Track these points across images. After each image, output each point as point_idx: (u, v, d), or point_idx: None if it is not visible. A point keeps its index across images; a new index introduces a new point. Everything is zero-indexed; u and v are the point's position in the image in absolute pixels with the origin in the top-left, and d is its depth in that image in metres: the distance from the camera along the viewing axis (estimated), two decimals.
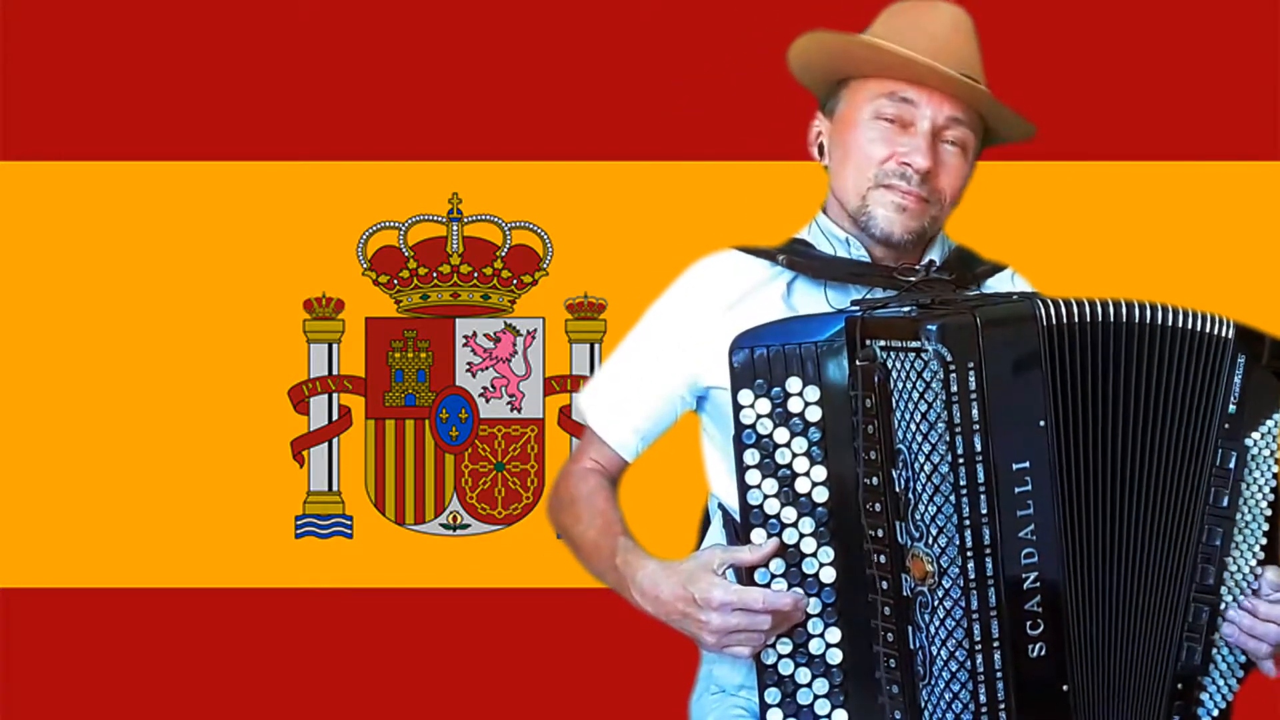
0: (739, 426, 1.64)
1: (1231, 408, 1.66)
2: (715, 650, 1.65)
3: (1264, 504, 1.69)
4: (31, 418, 3.12)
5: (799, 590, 1.61)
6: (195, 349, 3.14)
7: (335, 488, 3.19)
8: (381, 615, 3.14)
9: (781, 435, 1.63)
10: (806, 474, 1.63)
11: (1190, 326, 1.65)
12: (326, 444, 3.19)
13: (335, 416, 3.19)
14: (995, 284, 1.95)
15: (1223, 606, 1.68)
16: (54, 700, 3.09)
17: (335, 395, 3.19)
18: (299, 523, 3.17)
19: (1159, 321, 1.63)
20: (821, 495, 1.62)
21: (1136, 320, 1.62)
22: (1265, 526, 1.70)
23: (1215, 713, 1.69)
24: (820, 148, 1.95)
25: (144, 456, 3.13)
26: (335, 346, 3.19)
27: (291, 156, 3.14)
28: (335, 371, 3.19)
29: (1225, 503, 1.67)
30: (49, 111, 3.10)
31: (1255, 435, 1.68)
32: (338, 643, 3.13)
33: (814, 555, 1.63)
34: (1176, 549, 1.66)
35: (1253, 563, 1.69)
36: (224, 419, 3.14)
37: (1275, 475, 1.70)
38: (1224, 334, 1.66)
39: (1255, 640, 1.68)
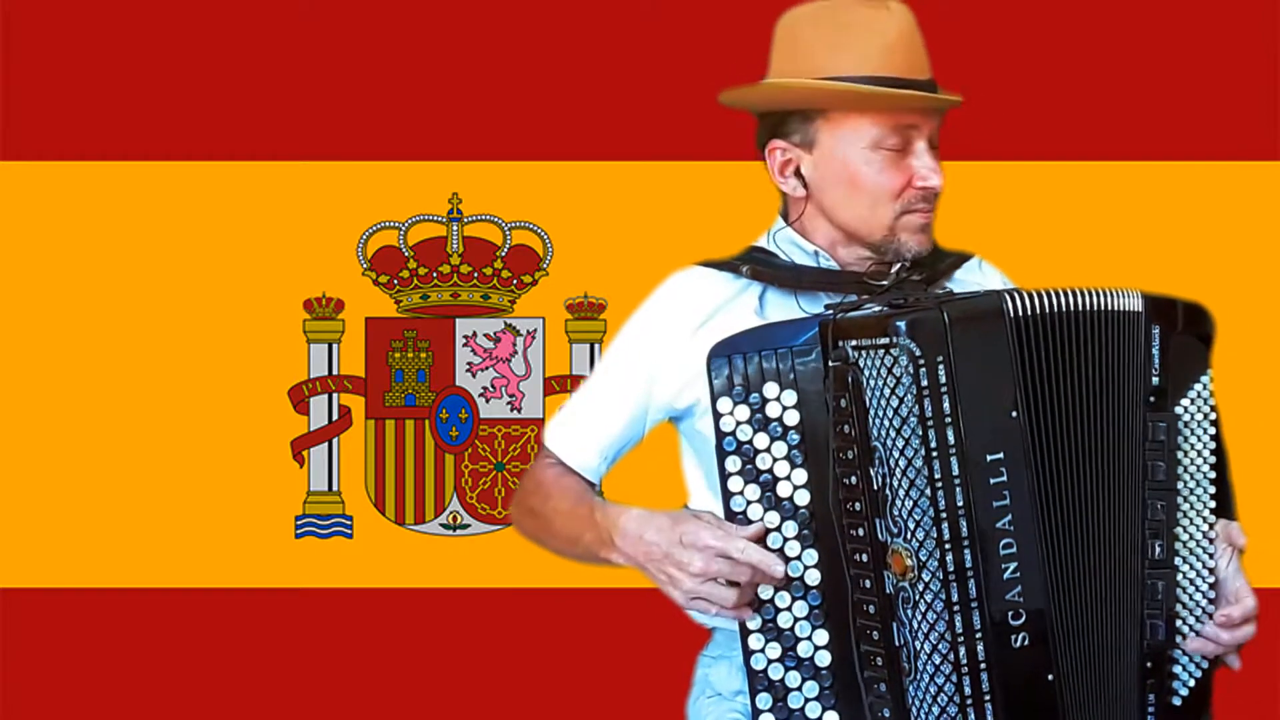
0: (719, 434, 1.64)
1: (1155, 379, 1.66)
2: (685, 601, 1.65)
3: (1205, 468, 1.69)
4: (31, 418, 3.13)
5: (778, 560, 1.61)
6: (195, 349, 3.15)
7: (335, 488, 3.19)
8: (381, 615, 3.14)
9: (761, 441, 1.63)
10: (787, 478, 1.63)
11: (1110, 306, 1.65)
12: (326, 444, 3.20)
13: (335, 416, 3.19)
14: (964, 274, 1.95)
15: (1179, 577, 1.68)
16: (54, 700, 3.10)
17: (335, 395, 3.20)
18: (299, 523, 3.18)
19: (1109, 307, 1.64)
20: (803, 498, 1.62)
21: (1106, 308, 1.63)
22: (1211, 489, 1.70)
23: (1191, 684, 1.70)
24: (798, 175, 1.89)
25: (144, 456, 3.14)
26: (335, 346, 3.19)
27: (291, 156, 3.15)
28: (335, 371, 3.19)
29: (1163, 475, 1.66)
30: (49, 111, 3.11)
31: (1185, 402, 1.68)
32: (338, 643, 3.14)
33: (798, 558, 1.62)
34: (1129, 527, 1.66)
35: (1204, 527, 1.70)
36: (224, 419, 3.15)
37: (1214, 437, 1.70)
38: (1134, 307, 1.67)
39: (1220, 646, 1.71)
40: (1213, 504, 1.70)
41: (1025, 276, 1.99)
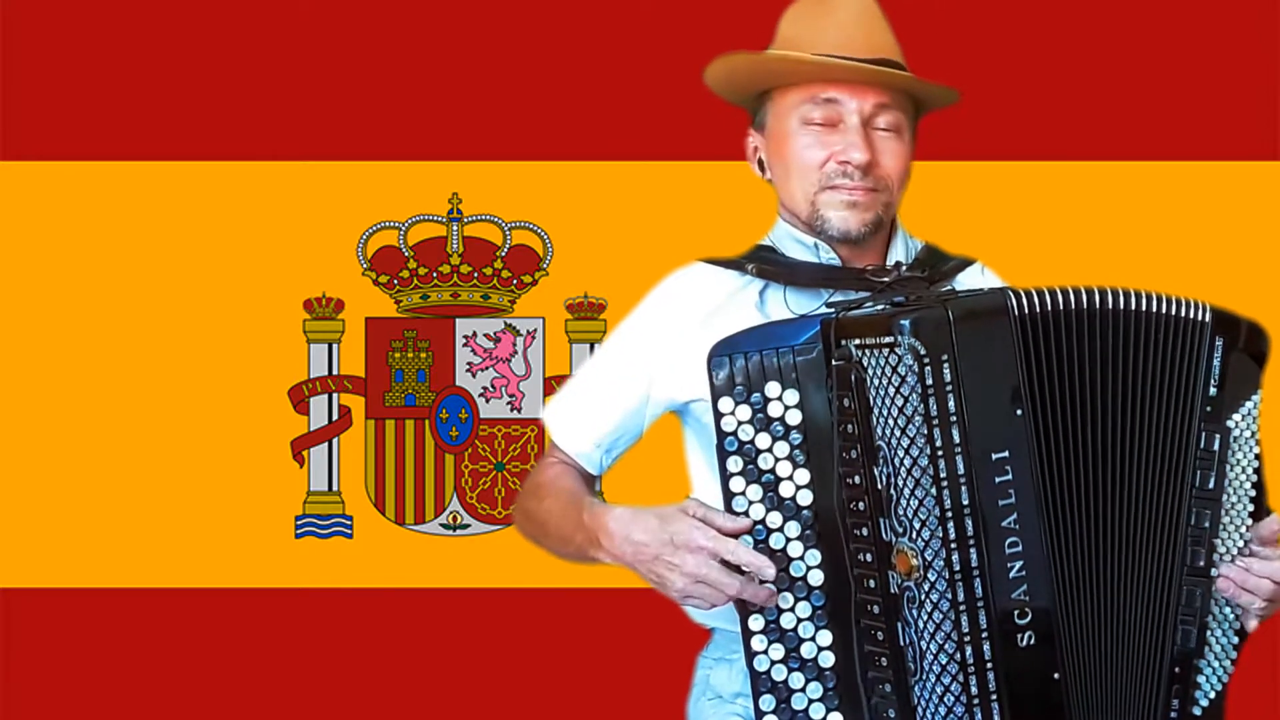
0: (720, 434, 1.63)
1: (1213, 390, 1.67)
2: (679, 597, 1.64)
3: (1247, 484, 1.70)
4: (31, 418, 3.13)
5: (770, 563, 1.60)
6: (195, 349, 3.15)
7: (335, 488, 3.19)
8: (381, 615, 3.14)
9: (763, 441, 1.62)
10: (790, 478, 1.62)
11: (1166, 311, 1.65)
12: (326, 444, 3.19)
13: (335, 416, 3.19)
14: (965, 278, 1.95)
15: (1212, 588, 1.69)
16: (54, 700, 3.10)
17: (335, 395, 3.19)
18: (299, 523, 3.18)
19: (1131, 307, 1.63)
20: (806, 498, 1.62)
21: (1110, 307, 1.62)
22: (1250, 507, 1.70)
23: (1212, 695, 1.70)
24: (760, 163, 1.95)
25: (144, 456, 3.14)
26: (335, 346, 3.19)
27: (291, 156, 3.15)
28: (335, 371, 3.19)
29: (1211, 484, 1.67)
30: (49, 111, 3.11)
31: (1236, 417, 1.69)
32: (338, 643, 3.13)
33: (801, 559, 1.62)
34: (1165, 532, 1.66)
35: (1240, 543, 1.70)
36: (224, 419, 3.15)
37: (1257, 455, 1.71)
38: (1201, 318, 1.67)
39: (1248, 594, 1.69)
40: (1250, 521, 1.70)
41: (1025, 277, 1.98)
